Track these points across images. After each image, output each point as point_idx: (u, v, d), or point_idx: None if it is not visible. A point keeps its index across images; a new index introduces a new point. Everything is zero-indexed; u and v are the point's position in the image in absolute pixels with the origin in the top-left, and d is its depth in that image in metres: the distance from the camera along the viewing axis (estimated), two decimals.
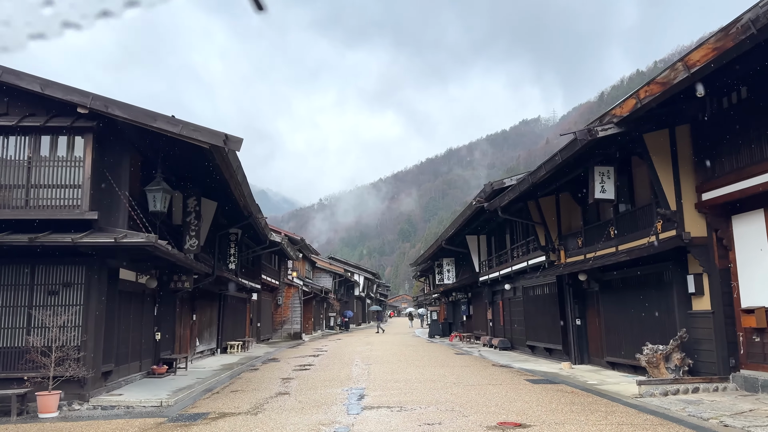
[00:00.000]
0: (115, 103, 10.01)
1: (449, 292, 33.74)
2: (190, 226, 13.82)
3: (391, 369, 15.81)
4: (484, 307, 26.43)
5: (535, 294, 18.73)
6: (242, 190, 13.56)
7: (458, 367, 16.03)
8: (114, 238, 9.62)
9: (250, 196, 14.77)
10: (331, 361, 18.68)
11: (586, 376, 13.41)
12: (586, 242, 14.60)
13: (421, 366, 16.57)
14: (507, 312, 22.69)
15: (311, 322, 40.55)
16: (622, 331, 13.46)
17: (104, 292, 10.59)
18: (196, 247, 13.86)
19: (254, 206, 16.01)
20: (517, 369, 15.51)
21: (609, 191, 11.43)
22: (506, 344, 22.03)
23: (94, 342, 10.29)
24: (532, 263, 17.83)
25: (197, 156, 11.37)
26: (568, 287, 16.11)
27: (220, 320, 21.81)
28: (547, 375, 13.84)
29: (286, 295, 35.45)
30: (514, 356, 19.49)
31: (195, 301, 18.16)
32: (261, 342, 30.54)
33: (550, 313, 17.31)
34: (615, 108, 9.96)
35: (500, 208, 16.14)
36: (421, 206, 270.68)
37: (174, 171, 13.64)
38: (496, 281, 23.17)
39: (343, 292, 56.68)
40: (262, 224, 18.65)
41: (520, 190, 14.21)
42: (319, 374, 14.81)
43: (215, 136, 9.92)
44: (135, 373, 13.02)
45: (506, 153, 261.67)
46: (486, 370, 15.34)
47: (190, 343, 17.93)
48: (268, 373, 15.53)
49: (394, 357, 20.16)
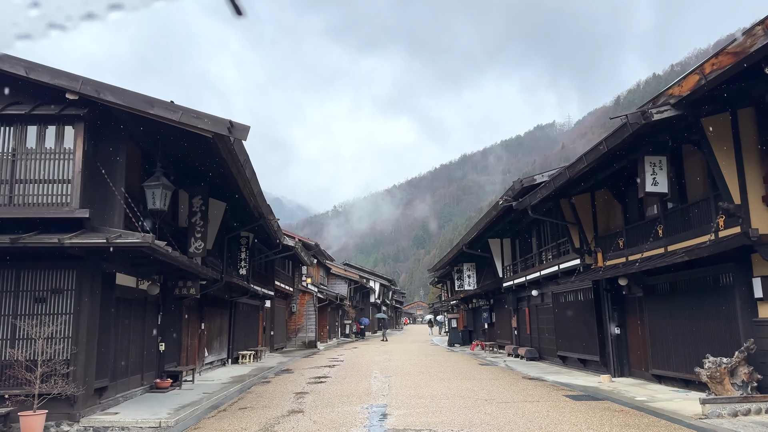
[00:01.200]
0: (107, 87, 8.96)
1: (469, 298, 32.42)
2: (196, 227, 12.74)
3: (413, 382, 14.59)
4: (507, 315, 25.09)
5: (567, 300, 17.41)
6: (251, 188, 12.46)
7: (486, 380, 14.77)
8: (106, 238, 8.55)
9: (260, 195, 13.67)
10: (348, 373, 17.50)
11: (631, 390, 12.09)
12: (628, 243, 13.30)
13: (445, 379, 15.32)
14: (534, 320, 21.36)
15: (326, 330, 39.39)
16: (670, 341, 12.13)
17: (98, 299, 9.52)
18: (202, 250, 12.78)
19: (265, 207, 14.92)
20: (551, 382, 14.21)
21: (662, 184, 10.15)
22: (534, 354, 20.70)
23: (85, 355, 9.21)
24: (565, 267, 16.53)
25: (201, 149, 10.29)
26: (606, 293, 14.79)
27: (231, 329, 20.73)
28: (586, 390, 12.55)
29: (301, 302, 34.33)
30: (544, 367, 18.16)
31: (203, 309, 17.09)
32: (275, 351, 29.43)
33: (585, 321, 16.00)
34: (672, 87, 8.71)
35: (531, 207, 14.88)
36: (436, 212, 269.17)
37: (177, 167, 12.59)
38: (522, 287, 21.86)
39: (358, 299, 55.49)
40: (274, 227, 17.55)
41: (555, 185, 12.95)
42: (335, 388, 13.63)
43: (219, 123, 8.83)
44: (136, 388, 11.94)
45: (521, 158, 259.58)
46: (517, 383, 14.06)
47: (198, 354, 16.84)
48: (281, 386, 14.38)
49: (414, 368, 18.92)
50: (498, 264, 24.56)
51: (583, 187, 14.00)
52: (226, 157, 10.07)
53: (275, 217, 16.15)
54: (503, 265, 24.46)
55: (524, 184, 15.42)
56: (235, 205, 14.87)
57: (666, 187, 10.18)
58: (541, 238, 19.89)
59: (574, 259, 15.73)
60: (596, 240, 14.98)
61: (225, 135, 8.94)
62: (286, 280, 31.93)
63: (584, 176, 12.37)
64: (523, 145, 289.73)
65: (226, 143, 9.43)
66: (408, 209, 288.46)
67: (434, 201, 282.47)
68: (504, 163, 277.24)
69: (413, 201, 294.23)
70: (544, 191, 13.56)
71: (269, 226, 16.88)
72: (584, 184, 13.52)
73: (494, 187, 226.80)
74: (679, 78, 8.58)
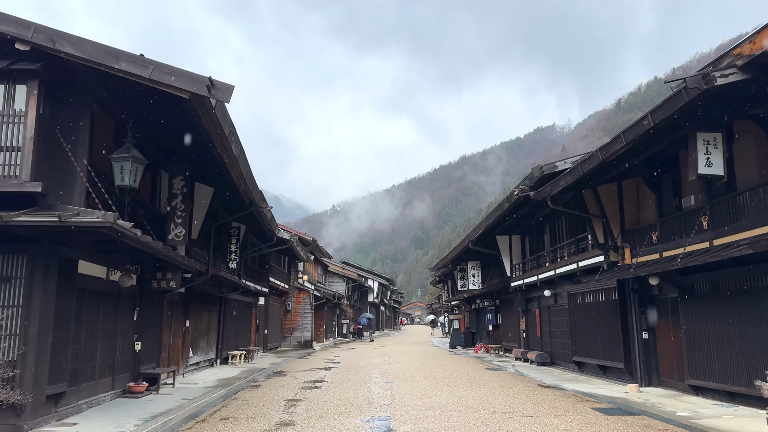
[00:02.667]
0: (65, 36, 7.50)
1: (473, 298, 30.96)
2: (176, 211, 11.29)
3: (418, 389, 13.14)
4: (515, 316, 23.65)
5: (586, 301, 15.96)
6: (239, 168, 11.02)
7: (499, 388, 13.32)
8: (59, 216, 7.09)
9: (250, 177, 12.22)
10: (346, 377, 16.05)
11: (667, 403, 10.66)
12: (663, 237, 11.86)
13: (453, 386, 13.87)
14: (545, 322, 19.92)
15: (323, 330, 37.93)
16: (712, 348, 10.69)
17: (53, 290, 8.06)
18: (183, 237, 11.32)
19: (257, 193, 13.46)
20: (571, 392, 12.78)
21: (717, 165, 8.71)
22: (545, 359, 19.26)
23: (36, 355, 7.75)
24: (585, 265, 15.08)
25: (180, 117, 8.83)
26: (633, 293, 13.36)
27: (221, 327, 19.26)
28: (615, 401, 11.11)
29: (296, 300, 32.87)
30: (558, 374, 16.72)
31: (189, 305, 15.62)
32: (268, 351, 27.97)
33: (607, 325, 14.56)
34: (742, 45, 7.27)
35: (551, 197, 13.44)
36: (435, 213, 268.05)
37: (157, 144, 11.12)
38: (533, 287, 20.42)
39: (356, 298, 54.02)
40: (267, 216, 16.09)
41: (583, 171, 11.50)
42: (331, 395, 12.18)
43: (196, 81, 7.38)
44: (105, 393, 10.47)
45: (521, 160, 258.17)
46: (534, 393, 12.62)
47: (182, 354, 15.38)
48: (271, 391, 12.92)
49: (418, 372, 17.47)
50: (506, 262, 23.11)
51: (611, 176, 12.57)
52: (207, 127, 8.61)
53: (268, 205, 14.69)
54: (512, 264, 23.01)
55: (544, 172, 13.93)
56: (223, 190, 13.42)
57: (722, 169, 8.74)
58: (555, 234, 18.44)
59: (597, 256, 14.28)
60: (623, 234, 13.55)
61: (204, 96, 7.49)
62: (281, 276, 30.46)
63: (617, 161, 10.92)
64: (523, 147, 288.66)
65: (207, 107, 7.98)
66: (407, 209, 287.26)
67: (433, 201, 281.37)
68: (504, 164, 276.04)
69: (412, 201, 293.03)
70: (569, 178, 12.10)
71: (261, 215, 15.43)
72: (613, 171, 12.08)
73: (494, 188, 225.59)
74: (752, 33, 7.14)
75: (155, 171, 12.24)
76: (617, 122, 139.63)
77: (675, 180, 11.93)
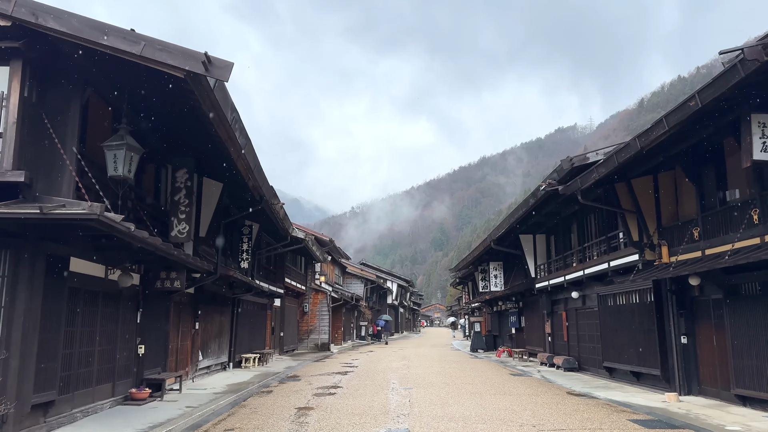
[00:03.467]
0: (48, 10, 6.84)
1: (495, 300, 29.99)
2: (179, 206, 10.60)
3: (438, 397, 12.30)
4: (540, 319, 22.65)
5: (618, 303, 14.97)
6: (247, 160, 10.30)
7: (525, 396, 12.42)
8: (40, 207, 6.41)
9: (259, 171, 11.50)
10: (362, 382, 15.26)
11: (712, 415, 9.69)
12: (706, 234, 10.88)
13: (476, 393, 13.00)
14: (572, 325, 18.93)
15: (341, 332, 37.21)
16: (764, 355, 9.69)
17: (40, 290, 7.40)
18: (187, 234, 10.63)
19: (267, 188, 12.74)
20: (603, 400, 11.83)
21: None
22: (572, 364, 18.27)
23: (20, 360, 7.09)
24: (617, 265, 14.11)
25: (180, 101, 8.12)
26: (670, 294, 12.37)
27: (234, 329, 18.61)
28: (653, 412, 10.16)
29: (314, 301, 32.19)
30: (588, 380, 15.74)
31: (198, 306, 14.97)
32: (284, 353, 27.31)
33: (642, 328, 13.57)
34: None
35: (581, 191, 12.52)
36: (454, 214, 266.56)
37: (158, 133, 10.45)
38: (559, 288, 19.44)
39: (375, 299, 53.24)
40: (279, 214, 15.37)
41: (618, 161, 10.56)
42: (346, 402, 11.40)
43: (191, 58, 6.66)
44: (103, 400, 9.81)
45: (542, 161, 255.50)
46: (564, 402, 11.70)
47: (192, 358, 14.72)
48: (282, 398, 12.18)
49: (438, 377, 16.61)
50: (530, 262, 22.13)
51: (647, 167, 11.62)
52: (208, 112, 7.89)
53: (279, 201, 13.97)
54: (536, 264, 22.03)
55: (574, 164, 12.98)
56: (231, 185, 12.73)
57: None
58: (584, 232, 17.46)
59: (631, 255, 13.31)
60: (660, 231, 12.57)
61: (201, 74, 6.77)
62: (297, 277, 29.82)
63: (656, 150, 9.97)
64: (543, 148, 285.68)
65: (205, 88, 7.25)
66: (426, 211, 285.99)
67: (453, 203, 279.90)
68: (524, 165, 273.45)
69: (431, 203, 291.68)
70: (602, 169, 11.16)
71: (273, 212, 14.71)
72: (650, 162, 11.14)
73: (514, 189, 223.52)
74: None
75: (159, 165, 11.60)
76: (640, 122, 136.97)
77: (719, 171, 10.94)
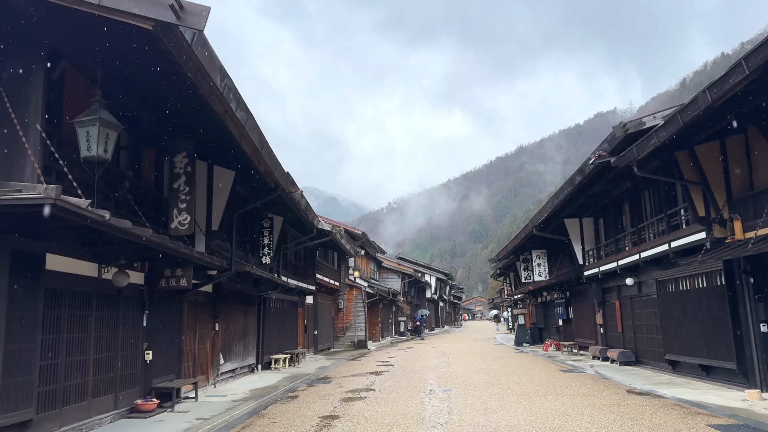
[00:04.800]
0: None
1: (539, 291, 28.30)
2: (179, 194, 9.47)
3: (481, 401, 10.90)
4: (590, 309, 20.95)
5: (681, 289, 13.27)
6: (251, 140, 9.09)
7: (580, 397, 10.92)
8: None
9: (268, 154, 10.29)
10: (397, 383, 13.98)
11: None
12: None
13: (523, 394, 11.56)
14: (627, 315, 17.22)
15: (378, 328, 36.03)
16: None
17: (3, 293, 6.33)
18: (189, 225, 9.49)
19: (280, 172, 11.53)
20: (671, 399, 10.25)
21: None
22: (629, 358, 16.59)
23: None
24: (679, 245, 12.43)
25: (161, 66, 6.94)
26: (745, 276, 10.68)
27: (260, 329, 17.56)
28: (735, 414, 8.58)
29: (348, 297, 31.07)
30: (649, 375, 14.09)
31: (218, 306, 13.92)
32: (319, 352, 26.27)
33: (711, 316, 11.89)
34: None
35: (637, 161, 10.91)
36: (492, 206, 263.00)
37: (149, 109, 9.30)
38: (611, 275, 17.74)
39: (413, 294, 51.90)
40: (301, 204, 14.17)
41: (683, 120, 8.92)
42: (376, 410, 10.13)
43: (157, 3, 5.45)
44: (103, 414, 8.78)
45: (581, 148, 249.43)
46: (626, 402, 10.16)
47: (212, 362, 13.69)
48: (307, 405, 10.99)
49: (480, 376, 15.19)
50: (577, 249, 20.44)
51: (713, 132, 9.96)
52: (191, 74, 6.68)
53: (297, 188, 12.74)
54: (584, 251, 20.32)
55: (628, 130, 11.30)
56: (243, 173, 11.60)
57: None
58: (638, 211, 15.73)
59: (696, 233, 11.63)
60: (730, 204, 10.87)
61: (172, 23, 5.56)
62: (330, 273, 28.73)
63: (729, 104, 8.34)
64: (583, 134, 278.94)
65: (180, 42, 6.04)
66: (464, 203, 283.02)
67: (491, 194, 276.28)
68: (563, 152, 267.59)
69: (469, 195, 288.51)
70: (663, 133, 9.52)
71: (294, 202, 13.51)
72: (719, 124, 9.48)
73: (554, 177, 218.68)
74: None
75: (160, 151, 10.50)
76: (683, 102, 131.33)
77: None
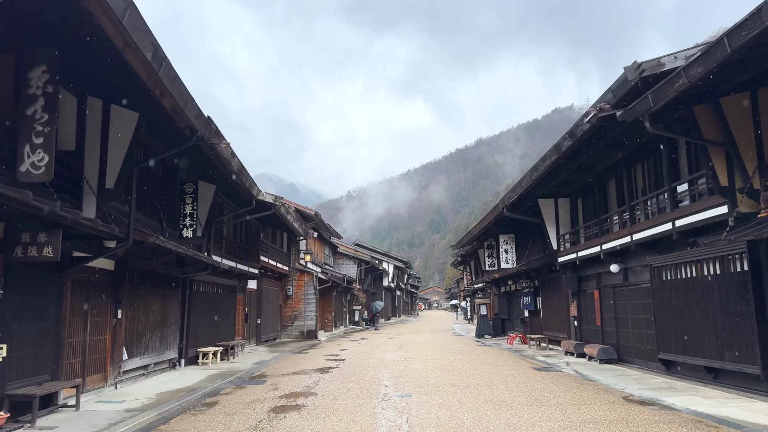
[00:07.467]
0: None
1: (503, 280, 26.27)
2: (33, 125, 6.69)
3: (449, 412, 8.53)
4: (563, 300, 18.92)
5: (683, 276, 11.18)
6: (137, 47, 6.40)
7: (572, 408, 8.68)
8: None
9: (170, 76, 7.57)
10: (345, 385, 11.53)
11: None
12: None
13: (500, 403, 9.24)
14: (609, 306, 15.19)
15: (331, 317, 33.50)
16: None
17: None
18: (46, 169, 6.72)
19: (196, 113, 8.81)
20: (688, 413, 8.10)
21: None
22: (611, 355, 14.58)
23: None
24: (688, 223, 10.30)
25: None
26: None
27: (186, 318, 14.81)
28: None
29: (298, 283, 28.41)
30: (639, 377, 12.04)
31: (122, 288, 11.12)
32: (262, 343, 23.59)
33: (725, 309, 9.81)
34: None
35: (650, 114, 8.64)
36: (451, 197, 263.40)
37: None
38: (591, 261, 15.67)
39: (370, 281, 49.51)
40: (232, 164, 11.44)
41: (731, 47, 6.62)
42: (313, 425, 7.64)
43: None
44: None
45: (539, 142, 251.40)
46: (633, 417, 7.93)
47: (112, 358, 10.92)
48: (223, 418, 8.40)
49: (444, 376, 12.87)
50: (551, 232, 18.34)
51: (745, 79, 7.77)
52: None
53: (225, 140, 10.06)
54: (558, 235, 18.25)
55: (644, 72, 8.79)
56: (148, 114, 8.86)
57: None
58: (630, 187, 13.62)
59: (715, 207, 9.49)
60: (762, 171, 8.76)
61: None
62: (278, 256, 26.01)
63: None
64: (540, 129, 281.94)
65: None
66: (423, 193, 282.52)
67: (450, 185, 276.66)
68: (522, 145, 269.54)
69: (429, 185, 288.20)
70: (698, 68, 7.17)
71: (221, 159, 10.80)
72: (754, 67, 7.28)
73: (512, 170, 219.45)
74: None
75: (19, 65, 7.58)
76: None
77: None
